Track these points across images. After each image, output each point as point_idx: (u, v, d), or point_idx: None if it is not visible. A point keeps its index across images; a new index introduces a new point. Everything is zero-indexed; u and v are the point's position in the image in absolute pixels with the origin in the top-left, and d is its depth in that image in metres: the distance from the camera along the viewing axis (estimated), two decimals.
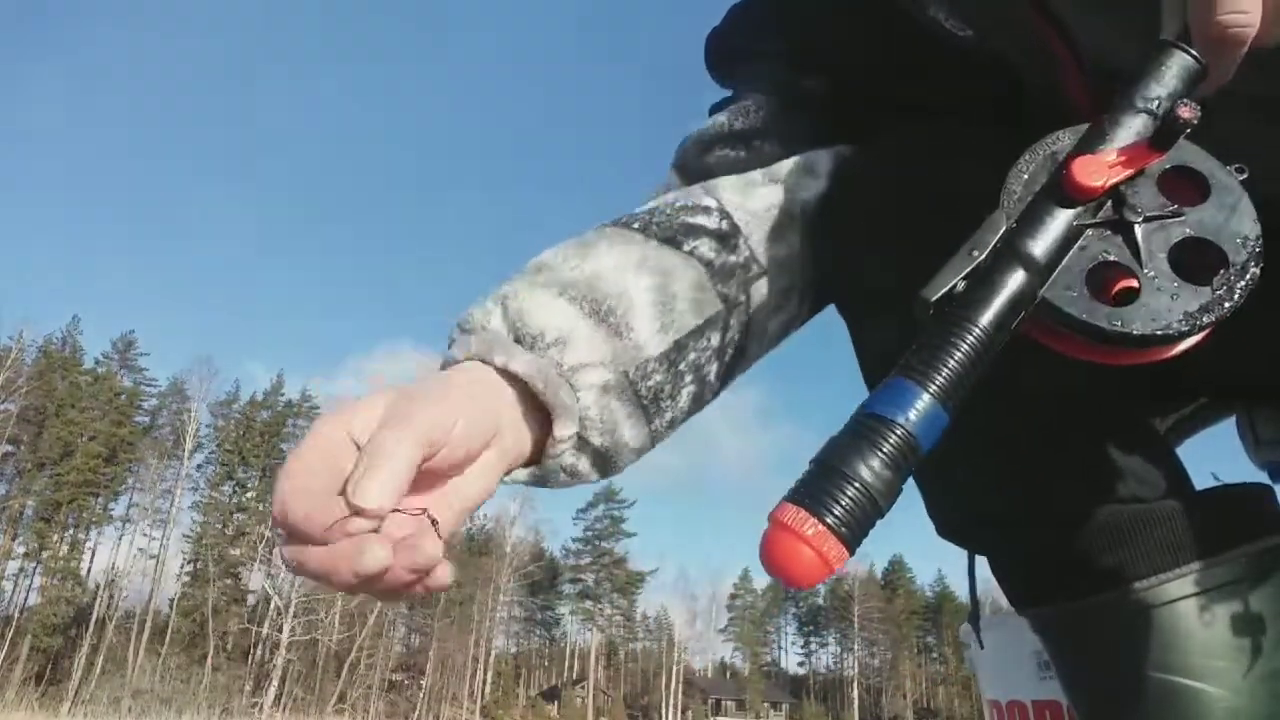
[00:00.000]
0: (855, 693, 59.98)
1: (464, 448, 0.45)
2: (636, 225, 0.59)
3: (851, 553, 0.36)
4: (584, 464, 0.55)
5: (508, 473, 0.51)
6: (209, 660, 40.54)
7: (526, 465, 0.52)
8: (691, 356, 0.59)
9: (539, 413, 0.51)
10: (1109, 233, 0.41)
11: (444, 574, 0.43)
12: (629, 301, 0.55)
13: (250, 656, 42.26)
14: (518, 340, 0.51)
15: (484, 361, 0.50)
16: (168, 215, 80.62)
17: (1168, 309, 0.39)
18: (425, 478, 0.44)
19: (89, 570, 44.30)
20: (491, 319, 0.52)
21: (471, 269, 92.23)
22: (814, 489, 0.36)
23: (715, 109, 0.74)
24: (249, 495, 48.40)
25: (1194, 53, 0.42)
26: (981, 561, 0.60)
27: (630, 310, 0.55)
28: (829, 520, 0.35)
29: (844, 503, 0.35)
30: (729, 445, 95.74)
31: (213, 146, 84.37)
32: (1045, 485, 0.53)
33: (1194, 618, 0.49)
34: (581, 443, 0.54)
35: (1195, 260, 0.40)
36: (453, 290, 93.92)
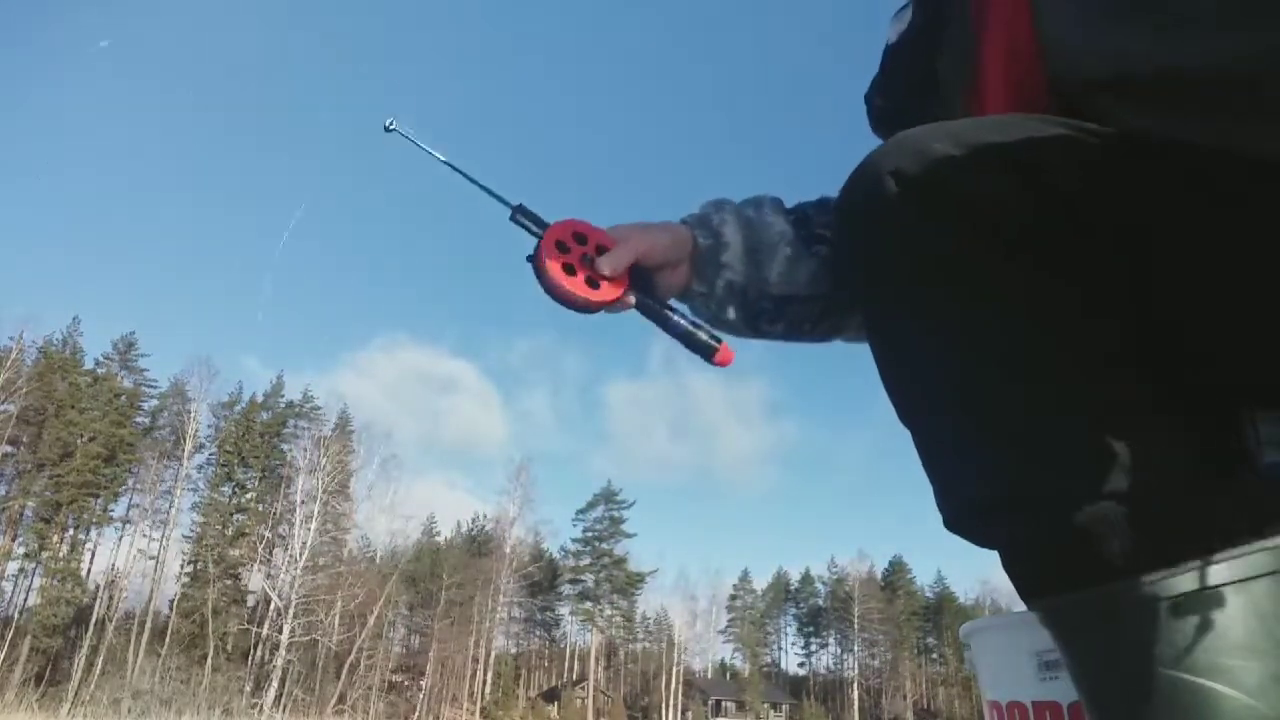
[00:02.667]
0: (855, 693, 59.94)
1: (664, 259, 0.85)
2: (793, 218, 0.90)
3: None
4: (700, 309, 0.89)
5: (677, 289, 0.89)
6: (209, 661, 40.55)
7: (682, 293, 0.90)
8: (794, 309, 0.89)
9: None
10: None
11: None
12: (770, 256, 0.87)
13: (250, 657, 42.25)
14: (714, 233, 0.87)
15: (691, 228, 0.88)
16: (167, 214, 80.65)
17: None
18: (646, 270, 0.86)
19: (89, 571, 44.41)
20: (710, 213, 0.89)
21: (468, 263, 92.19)
22: None
23: None
24: (249, 496, 48.43)
25: None
26: (989, 561, 0.63)
27: (770, 261, 0.87)
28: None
29: None
30: (734, 440, 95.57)
31: (211, 145, 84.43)
32: (1057, 473, 0.53)
33: (1205, 613, 0.49)
34: (706, 300, 0.89)
35: None
36: (449, 284, 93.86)
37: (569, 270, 0.82)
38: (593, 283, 0.82)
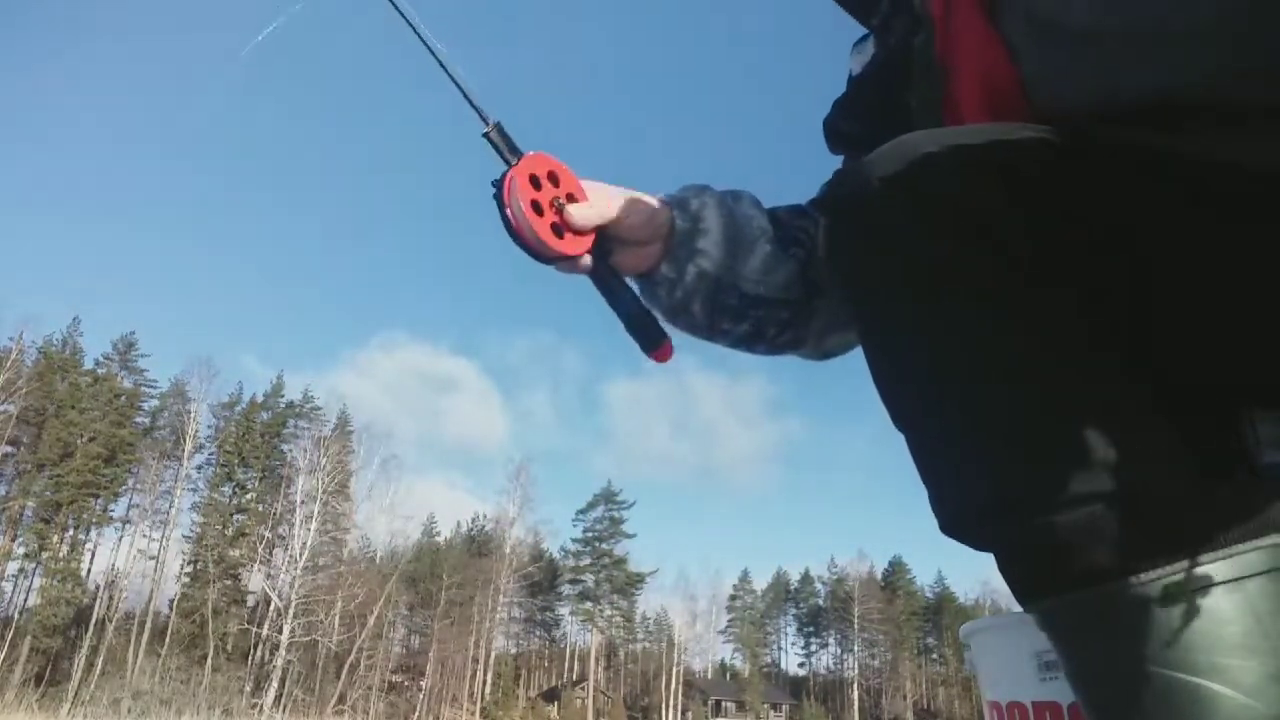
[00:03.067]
0: (855, 694, 59.92)
1: (635, 232, 0.80)
2: (769, 218, 0.87)
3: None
4: (662, 297, 0.84)
5: (640, 269, 0.83)
6: (209, 661, 40.53)
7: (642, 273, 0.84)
8: (762, 312, 0.85)
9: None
10: None
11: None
12: (749, 250, 0.83)
13: (250, 657, 42.23)
14: (693, 216, 0.82)
15: (671, 210, 0.82)
16: (165, 214, 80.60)
17: None
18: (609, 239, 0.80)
19: (89, 571, 44.39)
20: (690, 196, 0.84)
21: (464, 257, 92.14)
22: None
23: None
24: (248, 496, 48.40)
25: None
26: (989, 562, 0.59)
27: (748, 255, 0.83)
28: None
29: None
30: (734, 439, 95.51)
31: (209, 144, 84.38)
32: (1052, 474, 0.53)
33: (1199, 615, 0.49)
34: (671, 287, 0.83)
35: None
36: (449, 281, 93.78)
37: (536, 209, 0.75)
38: (558, 230, 0.76)
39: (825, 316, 0.89)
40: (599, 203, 0.79)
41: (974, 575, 67.18)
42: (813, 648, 67.26)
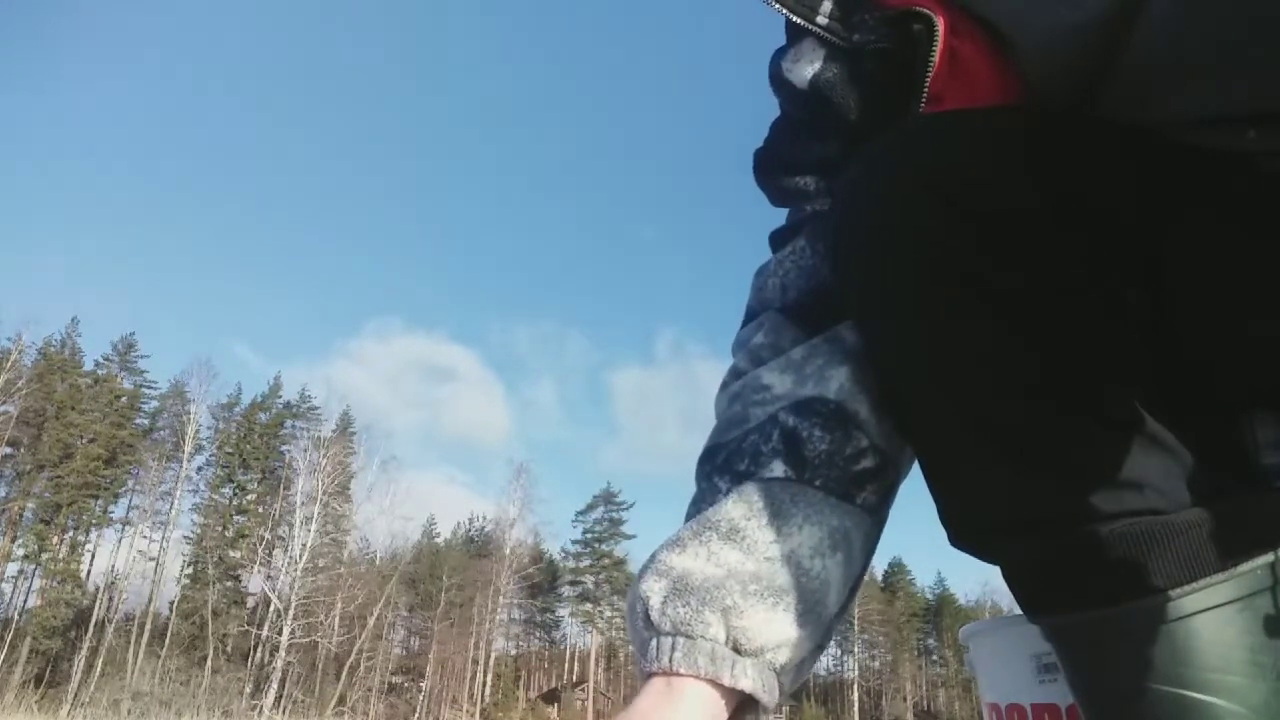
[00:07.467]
0: (855, 695, 59.94)
1: None
2: (819, 482, 0.62)
3: None
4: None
5: None
6: (209, 663, 40.52)
7: None
8: (857, 591, 0.67)
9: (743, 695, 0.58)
10: None
11: None
12: (827, 584, 0.61)
13: (250, 659, 42.22)
14: (737, 650, 0.57)
15: (713, 680, 0.55)
16: (162, 211, 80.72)
17: None
18: None
19: (89, 572, 44.37)
20: (713, 630, 0.56)
21: (458, 244, 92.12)
22: None
23: (775, 237, 0.78)
24: (249, 498, 48.43)
25: None
26: (988, 565, 0.58)
27: (828, 592, 0.61)
28: None
29: None
30: None
31: (205, 139, 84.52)
32: (1063, 495, 0.52)
33: (1209, 632, 0.48)
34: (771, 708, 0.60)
35: None
36: (440, 269, 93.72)
37: None
38: None
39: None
40: None
41: (974, 577, 67.30)
42: None
